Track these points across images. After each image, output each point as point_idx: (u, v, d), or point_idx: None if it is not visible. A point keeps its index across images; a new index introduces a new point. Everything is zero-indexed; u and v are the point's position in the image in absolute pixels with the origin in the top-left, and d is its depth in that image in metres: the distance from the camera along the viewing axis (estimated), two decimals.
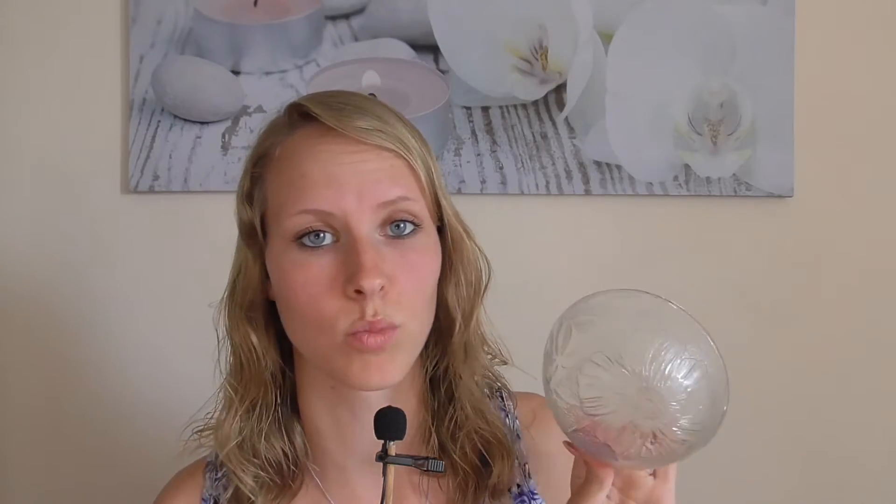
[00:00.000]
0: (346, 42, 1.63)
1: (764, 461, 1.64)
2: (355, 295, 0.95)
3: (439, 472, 0.90)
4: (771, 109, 1.61)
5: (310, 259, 0.97)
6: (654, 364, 0.87)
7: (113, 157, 1.62)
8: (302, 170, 0.98)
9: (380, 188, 0.97)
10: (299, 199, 0.97)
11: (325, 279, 0.96)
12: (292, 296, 0.98)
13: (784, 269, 1.65)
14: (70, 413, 1.62)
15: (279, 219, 0.99)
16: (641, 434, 0.87)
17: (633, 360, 0.87)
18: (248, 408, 1.05)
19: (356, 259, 0.94)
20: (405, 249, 0.98)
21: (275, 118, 1.07)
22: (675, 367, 0.87)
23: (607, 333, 0.89)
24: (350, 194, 0.97)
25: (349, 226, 0.97)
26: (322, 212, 0.97)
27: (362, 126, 0.99)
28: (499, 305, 1.62)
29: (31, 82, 1.62)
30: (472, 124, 1.62)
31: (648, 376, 0.86)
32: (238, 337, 1.05)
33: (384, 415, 0.93)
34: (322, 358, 0.98)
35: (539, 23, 1.61)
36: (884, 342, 1.65)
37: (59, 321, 1.61)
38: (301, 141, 1.00)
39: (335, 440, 1.06)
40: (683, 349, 0.87)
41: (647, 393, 0.86)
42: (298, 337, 1.01)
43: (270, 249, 1.02)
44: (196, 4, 1.61)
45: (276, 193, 1.00)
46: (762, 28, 1.60)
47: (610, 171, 1.62)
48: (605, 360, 0.87)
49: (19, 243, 1.62)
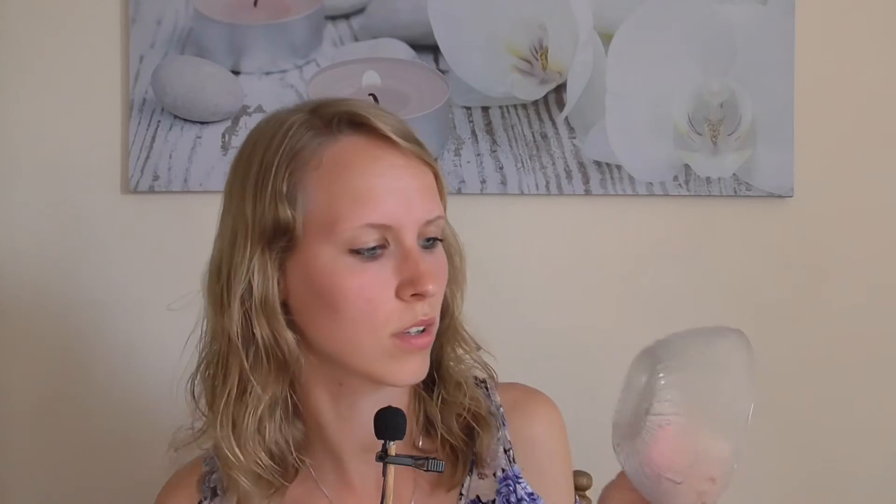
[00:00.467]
0: (346, 42, 1.63)
1: (764, 461, 1.64)
2: (411, 298, 1.01)
3: (439, 472, 0.91)
4: (771, 109, 1.61)
5: (365, 266, 1.01)
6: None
7: (113, 157, 1.62)
8: (367, 182, 1.01)
9: (425, 206, 1.04)
10: (364, 212, 1.00)
11: (380, 284, 1.01)
12: (343, 300, 1.01)
13: (784, 269, 1.65)
14: (70, 412, 1.62)
15: (333, 228, 1.00)
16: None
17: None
18: (269, 403, 1.06)
19: (414, 267, 1.01)
20: (435, 257, 1.05)
21: (288, 115, 1.06)
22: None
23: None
24: (405, 208, 1.02)
25: (400, 237, 1.02)
26: (381, 225, 1.01)
27: (410, 140, 1.04)
28: (499, 305, 1.62)
29: (31, 82, 1.62)
30: (472, 124, 1.62)
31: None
32: (265, 339, 1.04)
33: (384, 415, 0.94)
34: (362, 357, 1.02)
35: (539, 23, 1.61)
36: (884, 342, 1.65)
37: (58, 321, 1.61)
38: (357, 150, 1.02)
39: (336, 432, 1.09)
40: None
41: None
42: (337, 337, 1.03)
43: (309, 254, 1.02)
44: (196, 4, 1.61)
45: (329, 202, 1.01)
46: (762, 28, 1.60)
47: (610, 171, 1.61)
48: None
49: (19, 243, 1.62)
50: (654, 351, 0.91)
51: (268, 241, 1.03)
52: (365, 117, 1.03)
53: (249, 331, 1.04)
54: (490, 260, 1.64)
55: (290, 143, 1.03)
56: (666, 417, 0.86)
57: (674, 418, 0.86)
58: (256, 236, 1.03)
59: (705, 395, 0.86)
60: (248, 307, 1.04)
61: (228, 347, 1.05)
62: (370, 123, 1.02)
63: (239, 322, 1.04)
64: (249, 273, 1.03)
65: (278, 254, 1.03)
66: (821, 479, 1.65)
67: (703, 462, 0.86)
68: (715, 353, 0.89)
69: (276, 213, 1.02)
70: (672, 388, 0.87)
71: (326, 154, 1.02)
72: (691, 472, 0.86)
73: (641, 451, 0.87)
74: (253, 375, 1.05)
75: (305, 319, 1.04)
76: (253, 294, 1.03)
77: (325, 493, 1.10)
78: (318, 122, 1.04)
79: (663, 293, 1.64)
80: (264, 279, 1.03)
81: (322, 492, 1.10)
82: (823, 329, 1.65)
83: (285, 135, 1.04)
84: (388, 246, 1.01)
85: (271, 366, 1.05)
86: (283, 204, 1.02)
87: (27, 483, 1.63)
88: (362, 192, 1.00)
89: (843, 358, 1.65)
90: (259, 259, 1.03)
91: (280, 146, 1.03)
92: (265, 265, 1.03)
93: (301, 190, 1.02)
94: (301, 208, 1.02)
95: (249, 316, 1.04)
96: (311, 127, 1.04)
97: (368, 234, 1.00)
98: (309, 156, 1.02)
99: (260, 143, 1.05)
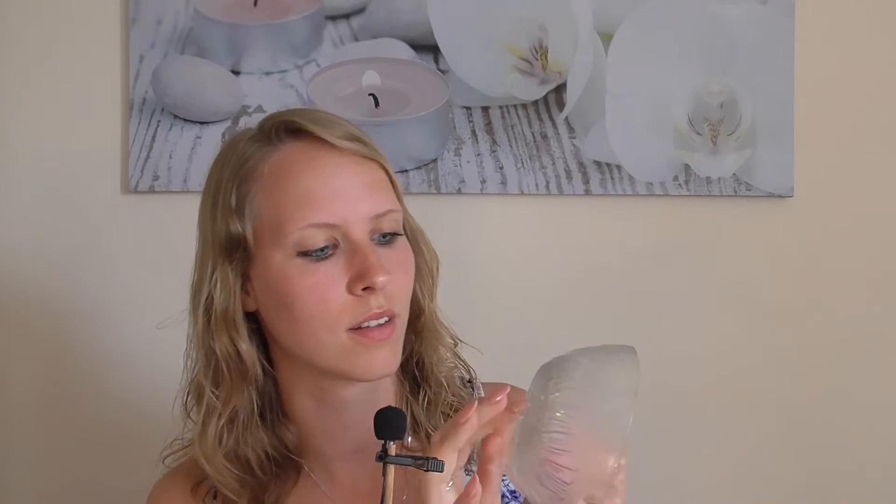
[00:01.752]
0: (346, 42, 1.63)
1: (763, 461, 1.64)
2: (363, 292, 1.02)
3: (439, 472, 0.91)
4: (771, 109, 1.60)
5: (315, 266, 1.03)
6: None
7: (113, 157, 1.62)
8: (306, 185, 1.04)
9: (373, 201, 1.05)
10: (307, 213, 1.03)
11: (331, 281, 1.03)
12: (298, 300, 1.03)
13: (784, 269, 1.65)
14: (70, 412, 1.62)
15: (280, 232, 1.03)
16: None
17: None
18: (231, 415, 1.08)
19: (363, 260, 1.02)
20: (393, 250, 1.06)
21: (242, 133, 1.11)
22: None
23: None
24: (350, 205, 1.04)
25: (349, 234, 1.03)
26: (328, 225, 1.03)
27: (351, 139, 1.06)
28: (499, 305, 1.62)
29: (31, 82, 1.62)
30: (472, 124, 1.62)
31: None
32: (221, 346, 1.07)
33: (384, 415, 0.94)
34: (325, 357, 1.04)
35: (539, 23, 1.61)
36: (884, 342, 1.65)
37: (58, 321, 1.61)
38: (295, 155, 1.06)
39: (322, 436, 1.10)
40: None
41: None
42: (300, 339, 1.05)
43: (264, 261, 1.05)
44: (196, 4, 1.61)
45: (275, 208, 1.04)
46: (762, 28, 1.60)
47: (610, 171, 1.61)
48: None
49: (19, 243, 1.62)
50: (549, 367, 0.93)
51: (226, 254, 1.07)
52: (300, 123, 1.06)
53: (210, 343, 1.07)
54: (490, 260, 1.64)
55: (236, 157, 1.08)
56: (549, 434, 0.89)
57: (556, 435, 0.89)
58: (217, 250, 1.07)
59: (584, 409, 0.89)
60: (210, 318, 1.07)
61: (197, 359, 1.09)
62: (306, 129, 1.06)
63: (202, 333, 1.08)
64: (211, 286, 1.07)
65: (238, 264, 1.06)
66: (821, 479, 1.65)
67: (588, 475, 0.89)
68: (603, 371, 0.92)
69: (228, 226, 1.06)
70: (557, 405, 0.90)
71: (269, 163, 1.06)
72: (569, 489, 0.89)
73: (529, 469, 0.90)
74: (214, 388, 1.08)
75: (274, 325, 1.07)
76: (214, 306, 1.07)
77: (325, 492, 1.11)
78: (262, 134, 1.08)
79: (663, 293, 1.64)
80: (224, 291, 1.07)
81: (322, 491, 1.11)
82: (823, 329, 1.65)
83: (234, 150, 1.09)
84: (339, 245, 1.03)
85: (232, 377, 1.07)
86: (233, 217, 1.06)
87: (27, 483, 1.63)
88: (303, 194, 1.03)
89: (843, 358, 1.65)
90: (220, 271, 1.07)
91: (228, 162, 1.08)
92: (226, 277, 1.06)
93: (248, 202, 1.06)
94: (250, 219, 1.05)
95: (211, 327, 1.07)
96: (256, 140, 1.08)
97: (315, 235, 1.03)
98: (253, 167, 1.06)
99: (217, 162, 1.11)
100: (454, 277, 1.63)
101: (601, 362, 0.93)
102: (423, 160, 1.61)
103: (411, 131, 1.60)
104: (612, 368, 0.92)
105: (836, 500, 1.65)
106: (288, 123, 1.07)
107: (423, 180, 1.61)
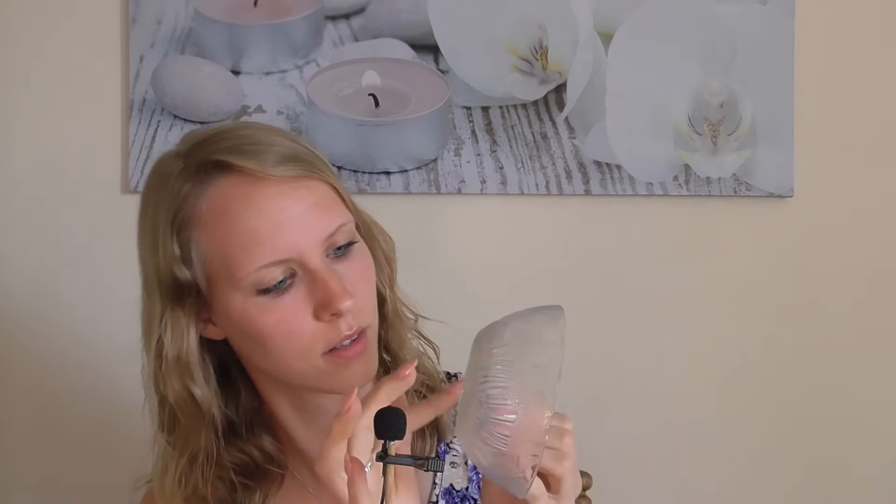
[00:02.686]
0: (346, 42, 1.63)
1: (763, 460, 1.64)
2: (331, 318, 1.00)
3: (439, 471, 0.90)
4: (771, 109, 1.60)
5: (278, 301, 1.01)
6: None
7: (113, 157, 1.62)
8: (248, 225, 1.00)
9: (322, 223, 1.02)
10: (256, 255, 1.00)
11: (296, 313, 1.01)
12: (267, 337, 1.01)
13: (784, 268, 1.65)
14: (70, 412, 1.62)
15: (234, 276, 1.00)
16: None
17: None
18: (189, 459, 1.06)
19: (324, 288, 1.00)
20: (351, 262, 1.04)
21: (169, 164, 1.05)
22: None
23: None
24: (299, 236, 1.00)
25: (304, 263, 1.00)
26: (280, 261, 1.00)
27: (285, 163, 1.01)
28: (498, 305, 1.62)
29: (31, 82, 1.62)
30: (472, 124, 1.62)
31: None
32: (173, 392, 1.04)
33: (384, 415, 0.94)
34: (303, 379, 1.03)
35: (539, 23, 1.61)
36: (884, 342, 1.65)
37: (58, 320, 1.61)
38: (231, 192, 1.01)
39: (304, 437, 1.10)
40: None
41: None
42: (276, 368, 1.04)
43: (224, 302, 1.02)
44: (196, 4, 1.61)
45: (222, 252, 1.01)
46: (762, 28, 1.60)
47: (610, 171, 1.61)
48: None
49: (19, 243, 1.62)
50: (480, 334, 0.95)
51: (175, 299, 1.03)
52: (225, 162, 1.01)
53: (161, 388, 1.05)
54: (490, 260, 1.64)
55: (170, 200, 1.03)
56: (485, 392, 0.90)
57: (492, 391, 0.90)
58: (164, 294, 1.04)
59: (516, 364, 0.91)
60: (162, 363, 1.04)
61: (155, 401, 1.07)
62: (233, 164, 1.01)
63: (153, 377, 1.05)
64: (161, 329, 1.04)
65: (192, 307, 1.04)
66: (822, 479, 1.65)
67: (521, 430, 0.89)
68: (527, 326, 0.94)
69: (174, 274, 1.02)
70: (490, 365, 0.91)
71: (204, 205, 1.02)
72: (511, 442, 0.90)
73: (470, 431, 0.91)
74: (168, 435, 1.06)
75: (246, 354, 1.06)
76: (165, 350, 1.04)
77: (312, 492, 1.10)
78: (191, 171, 1.03)
79: (663, 293, 1.64)
80: (176, 336, 1.04)
81: (309, 492, 1.11)
82: (823, 328, 1.65)
83: (166, 190, 1.03)
84: (297, 273, 1.01)
85: (187, 421, 1.05)
86: (178, 265, 1.02)
87: (27, 483, 1.63)
88: (248, 236, 1.00)
89: (842, 357, 1.65)
90: (169, 316, 1.04)
91: (162, 204, 1.03)
92: (177, 321, 1.04)
93: (193, 248, 1.02)
94: (198, 265, 1.02)
95: (163, 372, 1.04)
96: (186, 179, 1.03)
97: (270, 273, 1.00)
98: (189, 211, 1.02)
99: (150, 198, 1.06)
100: (454, 277, 1.64)
101: (527, 320, 0.94)
102: (423, 160, 1.61)
103: (411, 131, 1.60)
104: (539, 323, 0.94)
105: (836, 499, 1.65)
106: (216, 163, 1.02)
107: (423, 180, 1.61)
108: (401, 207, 1.60)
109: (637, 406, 1.63)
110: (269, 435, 1.10)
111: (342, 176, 1.59)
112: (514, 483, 0.90)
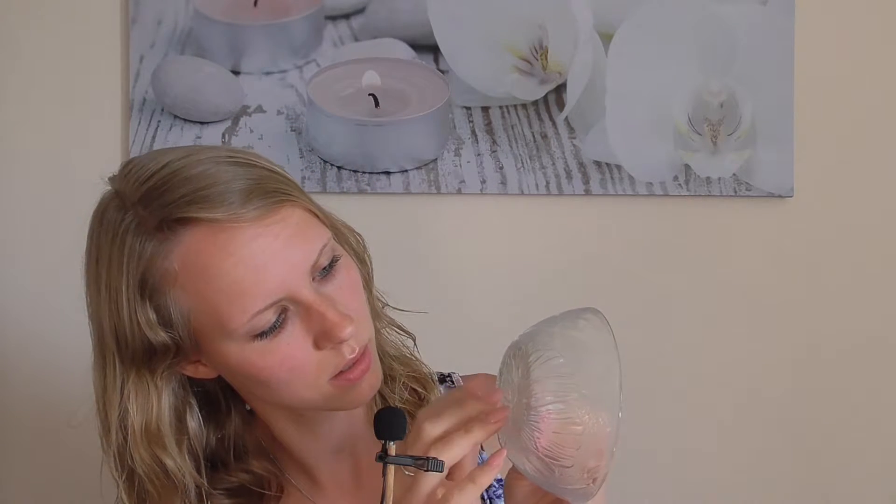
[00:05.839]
0: (346, 42, 1.63)
1: (764, 460, 1.64)
2: (333, 346, 0.98)
3: (440, 471, 0.91)
4: (771, 109, 1.60)
5: (276, 341, 0.97)
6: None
7: (113, 157, 1.62)
8: (230, 278, 0.94)
9: (303, 252, 0.97)
10: (246, 306, 0.95)
11: (297, 349, 0.97)
12: (271, 377, 0.98)
13: (784, 269, 1.65)
14: (70, 413, 1.62)
15: (225, 329, 0.96)
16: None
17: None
18: None
19: (321, 319, 0.96)
20: (339, 279, 1.00)
21: (115, 223, 0.98)
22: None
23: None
24: (284, 273, 0.96)
25: (295, 297, 0.96)
26: (271, 304, 0.96)
27: (249, 200, 0.95)
28: (498, 305, 1.62)
29: (30, 82, 1.62)
30: (472, 124, 1.62)
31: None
32: (142, 465, 1.00)
33: (384, 415, 0.94)
34: (313, 405, 1.02)
35: (539, 23, 1.61)
36: (884, 342, 1.65)
37: (59, 321, 1.61)
38: (203, 248, 0.95)
39: (302, 446, 1.10)
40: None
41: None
42: (281, 399, 1.02)
43: (217, 352, 0.99)
44: (196, 4, 1.61)
45: (206, 306, 0.96)
46: (762, 28, 1.60)
47: (610, 171, 1.62)
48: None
49: (19, 243, 1.62)
50: (520, 345, 0.93)
51: (143, 363, 0.98)
52: (188, 219, 0.94)
53: (129, 462, 1.01)
54: (490, 260, 1.64)
55: (130, 261, 0.96)
56: (545, 407, 0.89)
57: (552, 406, 0.89)
58: (127, 360, 0.99)
59: (576, 376, 0.90)
60: (127, 436, 1.00)
61: (120, 475, 1.03)
62: (197, 217, 0.94)
63: (119, 452, 1.01)
64: (124, 399, 0.99)
65: (168, 369, 1.00)
66: (822, 478, 1.65)
67: (588, 441, 0.89)
68: (577, 334, 0.93)
69: (148, 340, 0.97)
70: (545, 378, 0.90)
71: (175, 263, 0.95)
72: (578, 454, 0.89)
73: (529, 446, 0.90)
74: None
75: (245, 389, 1.04)
76: (130, 421, 0.99)
77: (310, 499, 1.11)
78: (150, 228, 0.96)
79: (663, 293, 1.64)
80: (142, 403, 0.99)
81: (307, 498, 1.11)
82: (823, 329, 1.65)
83: (121, 248, 0.97)
84: (289, 308, 0.97)
85: (160, 493, 1.02)
86: (155, 329, 0.96)
87: (27, 483, 1.63)
88: (232, 288, 0.94)
89: (843, 357, 1.65)
90: (133, 384, 0.99)
91: (122, 267, 0.97)
92: (143, 388, 0.99)
93: (172, 308, 0.96)
94: (181, 323, 0.97)
95: (129, 444, 1.00)
96: (146, 236, 0.96)
97: (263, 318, 0.96)
98: (159, 273, 0.95)
99: (100, 255, 1.00)
100: (454, 277, 1.64)
101: (572, 327, 0.93)
102: (423, 160, 1.61)
103: (411, 131, 1.60)
104: (586, 330, 0.93)
105: (837, 498, 1.65)
106: (178, 220, 0.95)
107: (423, 180, 1.61)
108: (401, 207, 1.61)
109: (636, 406, 1.63)
110: (261, 454, 1.10)
111: (342, 176, 1.59)
112: (574, 493, 0.90)
